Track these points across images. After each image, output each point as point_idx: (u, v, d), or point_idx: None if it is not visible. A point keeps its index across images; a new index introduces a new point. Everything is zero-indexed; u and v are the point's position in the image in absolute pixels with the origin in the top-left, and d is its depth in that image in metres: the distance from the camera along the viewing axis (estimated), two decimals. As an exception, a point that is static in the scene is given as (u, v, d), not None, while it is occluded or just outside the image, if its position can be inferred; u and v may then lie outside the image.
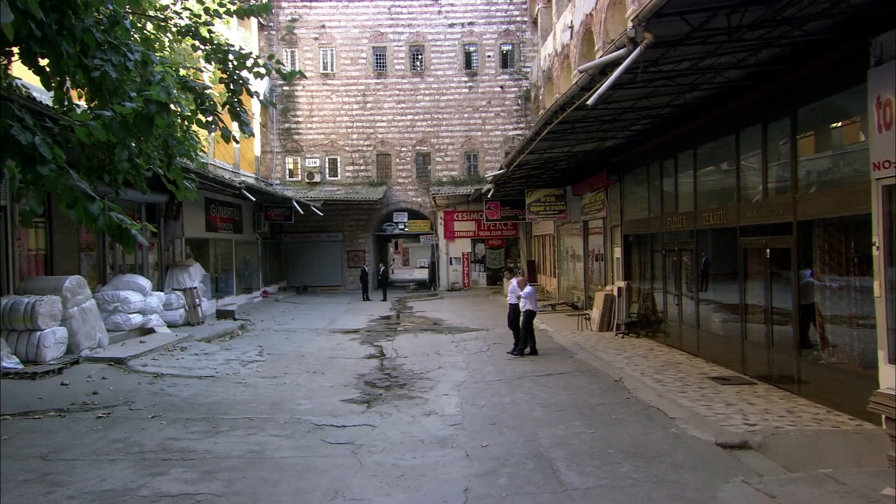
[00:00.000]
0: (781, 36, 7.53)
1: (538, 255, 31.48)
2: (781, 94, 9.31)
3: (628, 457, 6.89)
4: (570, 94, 9.71)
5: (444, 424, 8.69)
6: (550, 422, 8.53)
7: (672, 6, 6.12)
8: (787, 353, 9.42)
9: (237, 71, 8.38)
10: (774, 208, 9.54)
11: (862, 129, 7.82)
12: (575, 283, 24.59)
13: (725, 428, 7.53)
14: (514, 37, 34.28)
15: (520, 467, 6.78)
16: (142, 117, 6.10)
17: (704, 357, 12.14)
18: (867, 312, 7.78)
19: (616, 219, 17.93)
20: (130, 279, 14.37)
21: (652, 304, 15.47)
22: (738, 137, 10.78)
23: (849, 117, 8.35)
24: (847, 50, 7.50)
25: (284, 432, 8.46)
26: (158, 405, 9.65)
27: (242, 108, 8.11)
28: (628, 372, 11.31)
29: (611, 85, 6.81)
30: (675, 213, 13.60)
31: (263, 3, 8.22)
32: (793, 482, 5.48)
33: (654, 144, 14.29)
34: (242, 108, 8.11)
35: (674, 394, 9.48)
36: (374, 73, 33.67)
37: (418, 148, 34.25)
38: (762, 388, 9.59)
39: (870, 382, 7.62)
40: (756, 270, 10.47)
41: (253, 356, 13.95)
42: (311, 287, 32.77)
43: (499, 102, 34.37)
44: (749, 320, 10.66)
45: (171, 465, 7.11)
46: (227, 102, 8.09)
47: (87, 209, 5.87)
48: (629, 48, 6.76)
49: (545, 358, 13.44)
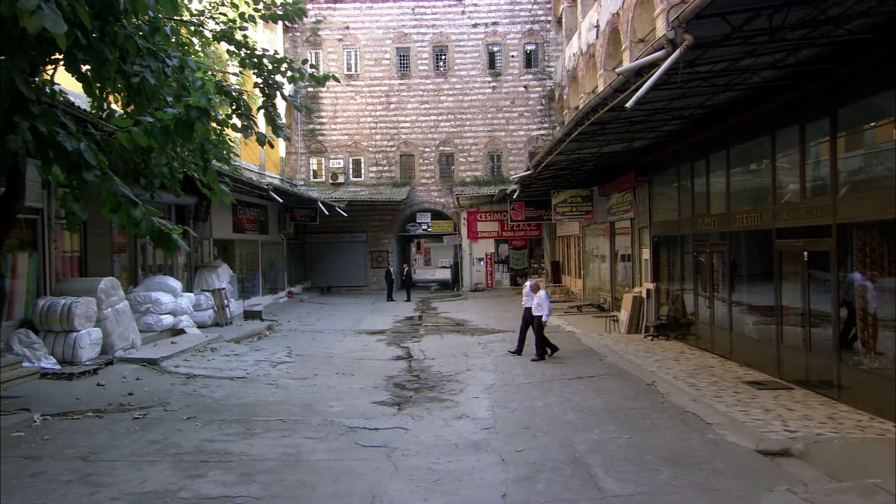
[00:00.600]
0: (823, 35, 7.40)
1: (562, 255, 31.32)
2: (821, 94, 9.15)
3: (667, 463, 6.81)
4: (604, 95, 9.62)
5: (477, 428, 8.66)
6: (585, 426, 8.47)
7: (714, 7, 6.03)
8: (827, 357, 9.27)
9: (272, 75, 8.43)
10: (813, 210, 9.38)
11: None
12: (600, 284, 24.42)
13: (765, 434, 7.41)
14: (537, 36, 34.14)
15: (557, 473, 6.73)
16: (183, 123, 6.14)
17: (738, 360, 11.98)
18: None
19: (644, 220, 17.78)
20: (161, 280, 14.52)
21: (682, 307, 15.31)
22: (774, 138, 10.62)
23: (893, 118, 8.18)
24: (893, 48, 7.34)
25: (318, 434, 8.49)
26: (192, 406, 9.73)
27: (277, 111, 8.15)
28: (660, 376, 11.19)
29: (650, 87, 6.73)
30: (707, 215, 13.44)
31: (297, 8, 8.25)
32: (840, 492, 5.37)
33: (685, 145, 14.14)
34: (277, 111, 8.15)
35: (709, 398, 9.37)
36: (398, 74, 33.72)
37: (442, 148, 34.24)
38: (800, 393, 9.44)
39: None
40: (792, 273, 10.31)
41: (282, 357, 14.03)
42: (334, 287, 32.91)
43: (522, 102, 34.24)
44: (785, 323, 10.50)
45: (208, 467, 7.16)
46: (263, 106, 8.13)
47: (130, 214, 5.93)
48: (668, 50, 6.68)
49: (574, 361, 13.35)
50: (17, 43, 5.55)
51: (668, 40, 6.66)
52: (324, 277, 33.47)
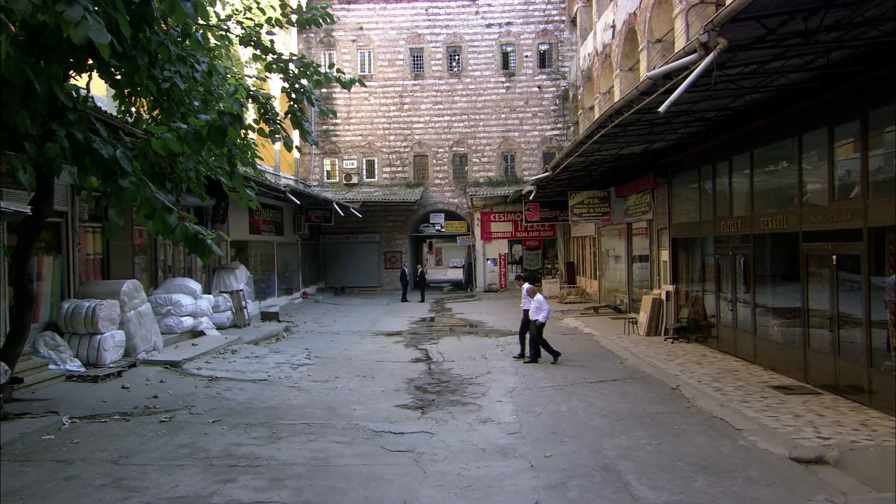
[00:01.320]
0: (856, 38, 7.32)
1: (577, 256, 31.22)
2: (852, 96, 9.06)
3: (699, 470, 6.75)
4: (629, 98, 9.57)
5: (503, 433, 8.62)
6: (612, 431, 8.42)
7: (751, 10, 5.98)
8: (857, 362, 9.18)
9: (299, 79, 8.42)
10: (843, 213, 9.29)
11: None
12: (616, 285, 24.33)
13: (798, 441, 7.34)
14: (551, 36, 34.06)
15: (588, 480, 6.69)
16: (216, 129, 6.14)
17: (762, 364, 11.89)
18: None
19: (663, 221, 17.69)
20: (182, 282, 14.58)
21: (702, 309, 15.21)
22: (801, 140, 10.53)
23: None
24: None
25: (344, 439, 8.48)
26: (217, 409, 9.75)
27: (304, 116, 8.15)
28: (684, 379, 11.12)
29: (683, 91, 6.68)
30: (730, 217, 13.34)
31: (324, 13, 8.24)
32: (881, 503, 5.30)
33: (707, 147, 14.04)
34: (304, 116, 8.15)
35: (736, 403, 9.29)
36: (411, 75, 33.72)
37: (455, 149, 34.23)
38: (829, 399, 9.35)
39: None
40: (820, 276, 10.21)
41: (302, 359, 14.04)
42: (348, 288, 32.96)
43: (536, 103, 34.18)
44: (812, 326, 10.40)
45: (238, 471, 7.16)
46: (290, 111, 8.13)
47: (165, 220, 5.95)
48: (700, 53, 6.63)
49: (595, 364, 13.29)
50: (54, 51, 5.57)
51: (700, 44, 6.61)
52: (338, 278, 33.53)
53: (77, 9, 4.46)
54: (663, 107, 6.88)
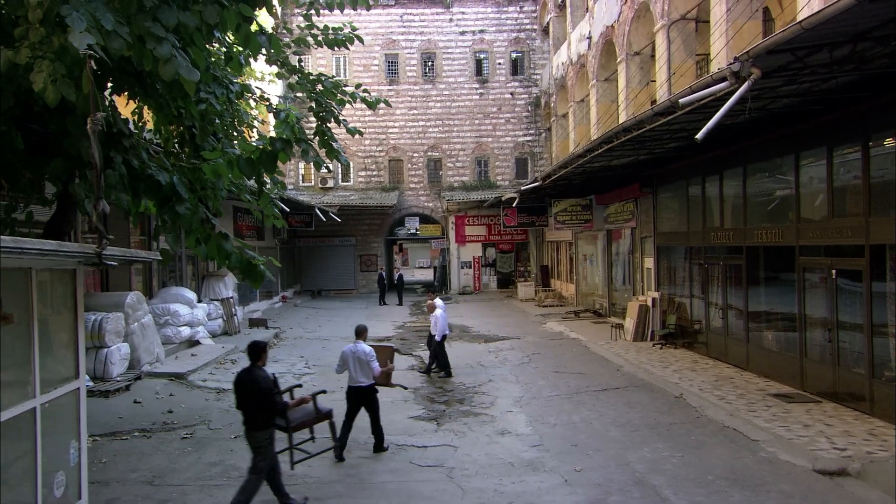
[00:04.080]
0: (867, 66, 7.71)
1: (551, 260, 31.69)
2: (854, 119, 9.51)
3: (731, 484, 7.05)
4: (641, 117, 9.88)
5: (525, 445, 8.82)
6: (632, 443, 8.68)
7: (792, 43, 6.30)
8: (856, 371, 9.64)
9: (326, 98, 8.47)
10: (843, 230, 9.74)
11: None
12: (593, 290, 24.81)
13: (816, 453, 7.70)
14: (523, 44, 34.54)
15: (627, 495, 6.92)
16: (268, 154, 6.19)
17: (755, 371, 12.34)
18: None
19: (648, 230, 18.14)
20: (178, 292, 14.42)
21: (689, 315, 15.68)
22: (798, 158, 10.99)
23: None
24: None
25: (370, 453, 8.57)
26: (235, 424, 9.67)
27: (332, 135, 8.20)
28: (686, 387, 11.48)
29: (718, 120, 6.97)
30: (721, 229, 13.80)
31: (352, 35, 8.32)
32: (917, 514, 5.66)
33: (698, 160, 14.46)
34: (332, 135, 8.20)
35: (744, 413, 9.66)
36: (387, 80, 33.75)
37: (430, 153, 34.42)
38: (829, 407, 9.79)
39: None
40: (818, 288, 10.68)
41: (302, 369, 14.04)
42: (324, 291, 32.84)
43: (509, 109, 34.59)
44: (810, 337, 10.86)
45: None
46: (319, 131, 8.17)
47: (222, 247, 5.98)
48: (732, 81, 6.92)
49: (592, 371, 13.59)
50: (108, 78, 5.56)
51: (732, 73, 6.90)
52: (314, 281, 33.37)
53: (166, 46, 4.51)
54: (700, 134, 7.15)
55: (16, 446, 4.78)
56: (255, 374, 6.48)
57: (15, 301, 4.73)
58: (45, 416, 5.01)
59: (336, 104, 8.74)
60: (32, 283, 4.86)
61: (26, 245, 3.89)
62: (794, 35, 5.93)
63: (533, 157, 34.63)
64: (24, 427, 4.82)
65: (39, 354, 4.92)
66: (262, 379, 6.45)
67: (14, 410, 4.67)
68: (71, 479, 5.42)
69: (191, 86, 4.58)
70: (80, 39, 3.96)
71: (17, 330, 4.75)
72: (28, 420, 4.86)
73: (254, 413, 6.43)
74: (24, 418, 4.78)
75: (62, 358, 5.47)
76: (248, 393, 6.45)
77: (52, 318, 5.32)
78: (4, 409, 4.51)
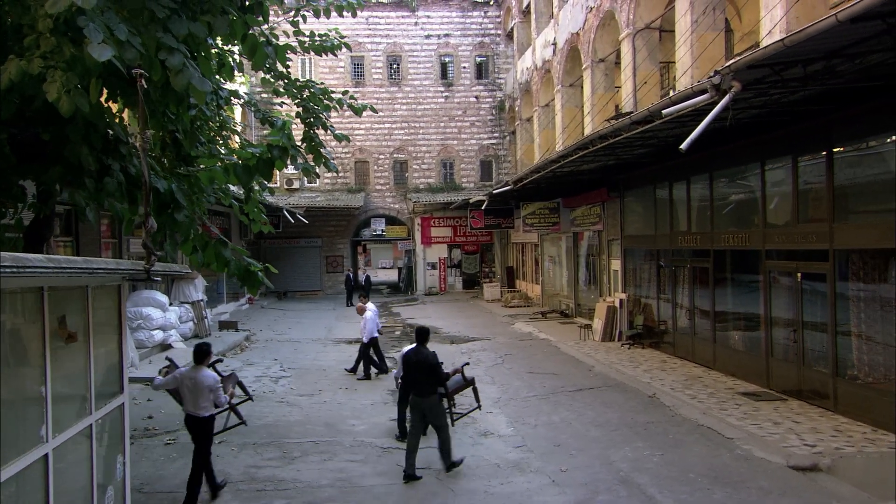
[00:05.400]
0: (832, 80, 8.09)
1: (517, 261, 32.06)
2: (818, 129, 9.94)
3: (712, 481, 7.33)
4: (619, 125, 10.17)
5: (509, 446, 9.00)
6: (613, 443, 8.93)
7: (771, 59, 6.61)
8: (820, 369, 10.08)
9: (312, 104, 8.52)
10: (808, 235, 10.18)
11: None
12: (559, 291, 25.20)
13: (788, 450, 8.05)
14: (488, 49, 34.90)
15: (614, 494, 7.14)
16: (264, 162, 6.23)
17: (722, 371, 12.76)
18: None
19: (615, 233, 18.54)
20: (150, 295, 14.22)
21: (656, 316, 16.10)
22: (764, 165, 11.43)
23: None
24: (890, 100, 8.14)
25: (357, 457, 8.65)
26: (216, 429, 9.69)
27: (321, 142, 8.25)
28: (658, 387, 11.82)
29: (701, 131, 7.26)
30: (688, 233, 14.23)
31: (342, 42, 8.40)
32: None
33: (665, 166, 14.87)
34: (321, 142, 8.25)
35: (716, 411, 10.02)
36: (353, 82, 33.66)
37: (396, 156, 34.51)
38: (795, 405, 10.21)
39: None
40: (783, 290, 11.12)
41: (278, 372, 14.00)
42: (290, 292, 32.59)
43: (474, 112, 34.89)
44: (775, 337, 11.30)
45: (269, 496, 7.26)
46: (307, 137, 8.21)
47: (221, 254, 6.01)
48: (712, 94, 7.22)
49: (565, 371, 13.86)
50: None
51: (713, 85, 7.19)
52: (280, 282, 32.94)
53: (178, 56, 4.55)
54: (685, 145, 7.41)
55: (74, 464, 4.79)
56: (423, 352, 8.10)
57: (74, 318, 4.78)
58: (98, 432, 5.04)
59: (322, 110, 8.79)
60: (89, 300, 4.93)
61: (94, 265, 3.97)
62: (775, 51, 6.23)
63: (497, 160, 34.97)
64: (81, 444, 4.84)
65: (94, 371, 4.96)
66: (431, 356, 8.04)
67: (75, 428, 4.68)
68: (118, 495, 5.42)
69: (201, 96, 4.62)
70: (100, 51, 3.98)
71: (76, 347, 4.78)
72: (85, 437, 4.87)
73: (423, 384, 8.00)
74: (82, 435, 4.81)
75: (109, 373, 5.49)
76: (418, 367, 8.02)
77: (99, 334, 5.34)
78: (66, 427, 4.52)
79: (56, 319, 4.39)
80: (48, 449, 4.21)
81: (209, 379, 7.02)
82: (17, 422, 3.99)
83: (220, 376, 7.51)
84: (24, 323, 4.16)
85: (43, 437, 4.20)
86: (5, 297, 3.84)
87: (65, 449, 4.50)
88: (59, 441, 4.40)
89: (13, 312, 4.07)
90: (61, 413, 4.51)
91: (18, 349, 4.10)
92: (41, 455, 4.14)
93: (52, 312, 4.31)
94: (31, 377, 4.22)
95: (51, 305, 4.27)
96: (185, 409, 7.11)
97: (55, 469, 4.27)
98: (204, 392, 6.97)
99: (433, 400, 7.99)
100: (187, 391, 7.01)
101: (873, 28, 5.90)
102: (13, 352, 4.01)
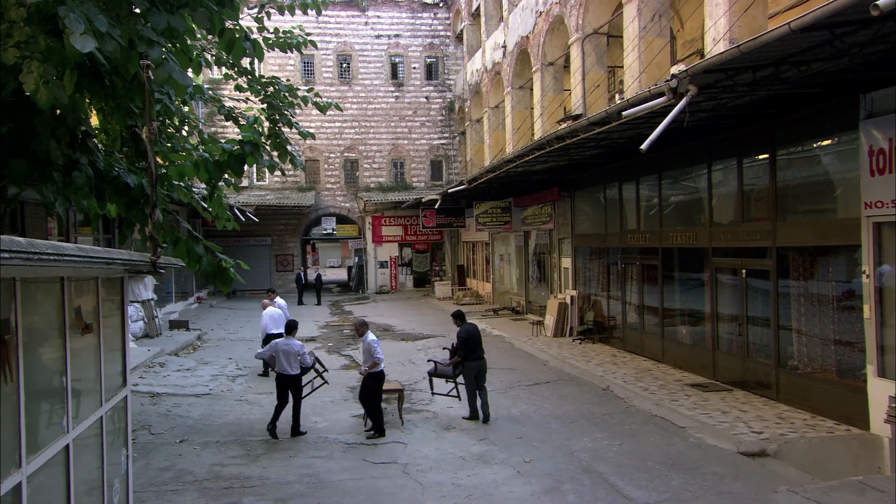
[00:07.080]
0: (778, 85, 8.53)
1: (467, 260, 32.35)
2: (763, 132, 10.43)
3: (670, 468, 7.65)
4: (576, 126, 10.47)
5: (472, 440, 9.16)
6: (572, 434, 9.20)
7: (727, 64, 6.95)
8: (763, 361, 10.59)
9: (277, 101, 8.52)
10: (752, 234, 10.67)
11: (845, 171, 9.01)
12: (509, 288, 25.57)
13: (737, 437, 8.45)
14: (438, 50, 35.15)
15: (578, 483, 7.37)
16: (236, 158, 6.25)
17: (670, 364, 13.22)
18: (845, 330, 9.01)
19: (565, 231, 18.95)
20: (99, 295, 13.86)
21: (607, 312, 16.55)
22: (711, 166, 11.92)
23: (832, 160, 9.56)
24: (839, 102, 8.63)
25: (322, 453, 8.69)
26: (177, 428, 9.60)
27: (286, 139, 8.26)
28: (610, 380, 12.18)
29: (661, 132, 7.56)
30: (637, 231, 14.69)
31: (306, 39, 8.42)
32: (835, 490, 6.34)
33: (615, 167, 15.30)
34: (286, 139, 8.26)
35: (668, 402, 10.40)
36: (302, 80, 33.27)
37: (346, 154, 34.41)
38: (741, 395, 10.68)
39: (846, 391, 8.85)
40: (728, 286, 11.63)
41: (233, 370, 13.86)
42: (239, 291, 32.09)
43: (424, 112, 35.07)
44: (721, 331, 11.79)
45: (237, 493, 7.25)
46: (272, 134, 8.21)
47: (193, 250, 6.00)
48: (670, 97, 7.53)
49: (521, 366, 14.14)
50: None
51: (670, 88, 7.50)
52: (226, 282, 32.55)
53: (157, 49, 4.55)
54: (645, 145, 7.68)
55: (88, 457, 4.72)
56: (478, 328, 10.93)
57: (86, 310, 4.72)
58: (107, 425, 4.98)
59: (286, 107, 8.80)
60: (98, 291, 4.88)
61: (113, 255, 3.94)
62: (731, 57, 6.56)
63: (447, 160, 35.20)
64: (93, 437, 4.77)
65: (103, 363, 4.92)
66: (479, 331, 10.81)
67: (90, 420, 4.62)
68: (122, 488, 5.35)
69: (181, 90, 4.63)
70: (82, 42, 3.96)
71: (87, 339, 4.71)
72: (96, 429, 4.81)
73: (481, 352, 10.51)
74: (93, 428, 4.74)
75: (113, 365, 5.41)
76: (480, 340, 10.65)
77: (105, 326, 5.26)
78: (81, 419, 4.46)
79: (73, 311, 4.35)
80: (69, 440, 4.16)
81: (297, 346, 9.69)
82: (42, 413, 3.96)
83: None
84: (47, 313, 4.11)
85: (64, 428, 4.15)
86: (40, 286, 3.82)
87: (81, 441, 4.46)
88: (78, 432, 4.36)
89: (40, 302, 4.01)
90: (78, 405, 4.48)
91: (41, 340, 4.06)
92: (63, 446, 4.10)
93: (71, 303, 4.28)
94: (53, 368, 4.16)
95: (68, 296, 4.24)
96: (277, 370, 9.60)
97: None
98: (293, 356, 9.54)
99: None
100: (281, 355, 9.48)
101: (820, 38, 6.27)
102: (38, 343, 3.96)
